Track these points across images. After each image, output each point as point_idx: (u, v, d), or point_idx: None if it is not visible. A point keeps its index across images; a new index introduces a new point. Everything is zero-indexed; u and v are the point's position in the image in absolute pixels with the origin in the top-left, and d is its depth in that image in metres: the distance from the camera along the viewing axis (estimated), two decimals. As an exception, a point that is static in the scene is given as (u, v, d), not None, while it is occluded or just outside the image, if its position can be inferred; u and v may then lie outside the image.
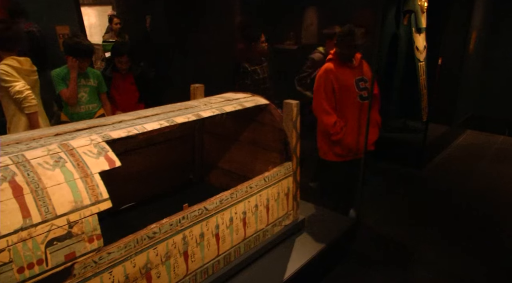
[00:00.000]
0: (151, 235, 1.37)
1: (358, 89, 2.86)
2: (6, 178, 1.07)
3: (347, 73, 2.88)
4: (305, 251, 2.09)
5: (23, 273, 1.03)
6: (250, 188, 1.80)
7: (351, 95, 2.86)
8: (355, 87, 2.86)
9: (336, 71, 2.87)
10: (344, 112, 2.89)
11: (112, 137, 1.37)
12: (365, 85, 2.89)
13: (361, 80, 2.90)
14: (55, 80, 3.11)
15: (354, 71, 2.90)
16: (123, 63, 3.66)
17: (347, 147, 2.92)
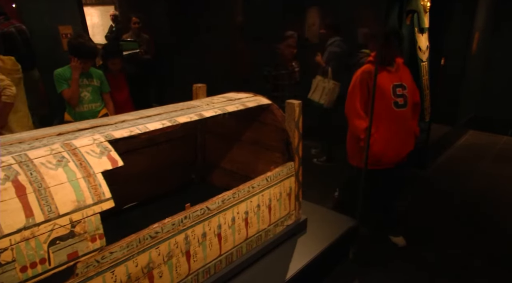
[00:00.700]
0: (153, 234, 1.37)
1: (394, 96, 2.71)
2: (9, 177, 1.08)
3: (385, 77, 2.72)
4: (307, 251, 2.09)
5: (26, 272, 1.04)
6: (252, 188, 1.80)
7: (385, 101, 2.70)
8: (391, 93, 2.70)
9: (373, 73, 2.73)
10: (378, 118, 2.72)
11: (114, 137, 1.37)
12: (402, 92, 2.73)
13: (399, 86, 2.74)
14: (57, 80, 3.13)
15: (393, 76, 2.74)
16: (116, 64, 3.76)
17: (375, 155, 2.77)
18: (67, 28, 4.84)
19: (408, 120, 2.77)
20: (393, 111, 2.71)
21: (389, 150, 2.75)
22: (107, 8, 8.52)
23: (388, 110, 2.71)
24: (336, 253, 2.43)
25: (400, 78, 2.73)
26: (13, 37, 4.45)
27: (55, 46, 4.76)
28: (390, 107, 2.71)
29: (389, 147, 2.74)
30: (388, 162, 2.80)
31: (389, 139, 2.72)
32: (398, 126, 2.73)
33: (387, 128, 2.73)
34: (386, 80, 2.71)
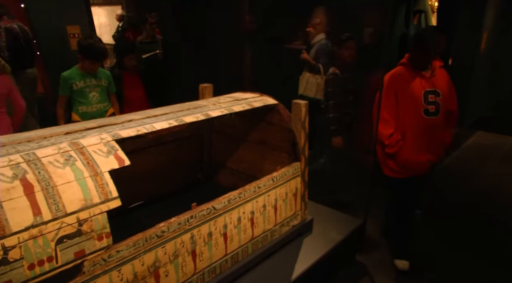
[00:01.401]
0: (159, 233, 1.38)
1: (425, 103, 2.51)
2: (17, 176, 1.09)
3: (417, 82, 2.52)
4: (313, 252, 2.09)
5: (34, 269, 1.04)
6: (258, 188, 1.80)
7: (415, 108, 2.52)
8: (422, 99, 2.50)
9: (404, 77, 2.56)
10: (404, 125, 2.57)
11: (121, 136, 1.38)
12: (435, 99, 2.52)
13: (432, 92, 2.52)
14: (61, 82, 3.17)
15: (426, 81, 2.53)
16: (131, 60, 3.78)
17: (401, 163, 2.62)
18: (74, 28, 4.87)
19: (439, 129, 2.58)
20: (423, 119, 2.52)
21: (415, 157, 2.59)
22: (114, 8, 8.56)
23: (417, 118, 2.53)
24: (342, 254, 2.42)
25: (434, 84, 2.53)
26: (16, 34, 4.52)
27: (63, 46, 4.80)
28: (420, 115, 2.52)
29: (416, 154, 2.58)
30: (414, 170, 2.64)
31: (416, 147, 2.57)
32: (427, 135, 2.55)
33: (415, 137, 2.56)
34: (418, 86, 2.52)
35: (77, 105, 3.19)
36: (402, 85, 2.55)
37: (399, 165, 2.65)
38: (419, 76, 2.53)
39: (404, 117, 2.56)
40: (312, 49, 4.35)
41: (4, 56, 4.39)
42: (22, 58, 4.61)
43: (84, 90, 3.15)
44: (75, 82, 3.12)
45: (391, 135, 2.58)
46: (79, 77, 3.13)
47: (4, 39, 4.41)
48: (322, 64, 4.19)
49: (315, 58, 4.28)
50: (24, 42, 4.63)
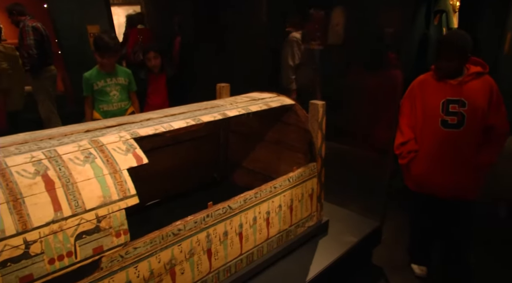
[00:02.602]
0: (176, 231, 1.39)
1: (444, 113, 2.25)
2: (39, 172, 1.11)
3: (438, 89, 2.30)
4: (328, 254, 2.07)
5: (54, 264, 1.07)
6: (274, 188, 1.80)
7: (431, 118, 2.31)
8: (440, 109, 2.26)
9: (427, 84, 2.36)
10: (421, 136, 2.39)
11: (140, 134, 1.40)
12: (458, 110, 2.23)
13: (454, 102, 2.24)
14: (83, 83, 3.24)
15: (450, 90, 2.26)
16: (151, 59, 3.74)
17: (415, 178, 2.45)
18: (94, 28, 4.97)
19: (463, 145, 2.26)
20: (439, 131, 2.28)
21: (430, 174, 2.36)
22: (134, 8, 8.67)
23: (433, 129, 2.30)
24: (358, 257, 2.40)
25: (461, 93, 2.23)
26: (41, 32, 4.66)
27: (83, 45, 4.90)
28: (436, 126, 2.28)
29: (431, 171, 2.35)
30: (431, 189, 2.40)
31: (431, 162, 2.35)
32: (445, 149, 2.29)
33: (430, 150, 2.34)
34: (437, 94, 2.29)
35: (99, 104, 3.25)
36: (423, 92, 2.37)
37: (413, 180, 2.48)
38: (444, 83, 2.29)
39: (420, 129, 2.39)
40: None
41: (32, 54, 4.52)
42: (46, 56, 4.74)
43: (104, 89, 3.21)
44: (96, 82, 3.19)
45: (403, 145, 2.43)
46: (99, 77, 3.19)
47: (32, 38, 4.54)
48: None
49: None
50: (46, 40, 4.76)
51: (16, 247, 1.00)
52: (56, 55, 5.15)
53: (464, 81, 2.26)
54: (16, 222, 1.01)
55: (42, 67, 4.75)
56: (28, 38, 4.55)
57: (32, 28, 4.57)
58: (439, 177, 2.34)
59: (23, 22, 4.62)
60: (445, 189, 2.36)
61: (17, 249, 1.00)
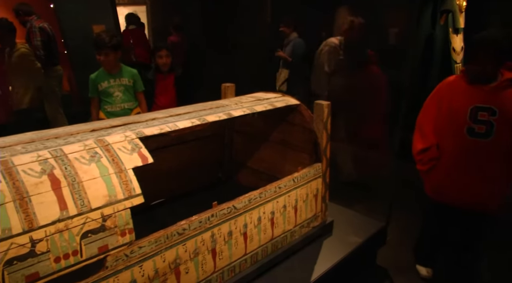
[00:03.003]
0: (180, 231, 1.39)
1: (472, 120, 2.09)
2: (45, 171, 1.12)
3: (467, 94, 2.12)
4: (333, 254, 2.06)
5: (59, 263, 1.07)
6: (279, 188, 1.79)
7: (456, 125, 2.15)
8: (468, 116, 2.10)
9: (455, 87, 2.19)
10: (443, 143, 2.23)
11: (145, 134, 1.40)
12: (488, 118, 2.06)
13: (484, 109, 2.07)
14: (89, 85, 3.24)
15: (480, 96, 2.09)
16: (163, 58, 3.71)
17: (434, 186, 2.34)
18: (100, 28, 4.98)
19: (489, 156, 2.11)
20: (465, 140, 2.13)
21: (450, 184, 2.22)
22: (140, 8, 8.70)
23: (458, 137, 2.14)
24: (363, 257, 2.39)
25: (492, 100, 2.05)
26: (48, 33, 4.69)
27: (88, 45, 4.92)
28: (462, 134, 2.12)
29: (451, 180, 2.22)
30: (450, 198, 2.27)
31: (452, 171, 2.20)
32: (470, 161, 2.14)
33: (452, 158, 2.19)
34: (465, 99, 2.12)
35: (103, 104, 3.26)
36: (450, 95, 2.20)
37: (432, 187, 2.36)
38: (474, 88, 2.12)
39: (443, 134, 2.22)
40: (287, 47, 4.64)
41: (39, 55, 4.54)
42: (52, 56, 4.77)
43: (108, 90, 3.22)
44: (100, 83, 3.20)
45: (424, 151, 2.27)
46: (104, 78, 3.20)
47: (39, 38, 4.57)
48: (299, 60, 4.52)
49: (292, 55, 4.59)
50: (53, 41, 4.80)
51: (23, 245, 1.01)
52: (62, 55, 5.18)
53: (497, 88, 2.07)
54: (23, 220, 1.02)
55: (49, 67, 4.78)
56: (35, 39, 4.57)
57: (39, 29, 4.60)
58: (460, 188, 2.22)
59: (30, 23, 4.65)
60: (465, 200, 2.24)
61: (23, 248, 1.01)
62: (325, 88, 4.15)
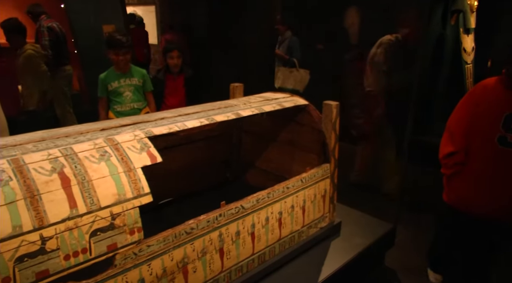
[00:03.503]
0: (188, 230, 1.40)
1: (505, 129, 1.96)
2: (55, 169, 1.13)
3: (502, 100, 1.99)
4: (341, 255, 2.06)
5: (69, 260, 1.08)
6: (287, 188, 1.79)
7: (488, 132, 2.01)
8: (501, 123, 1.96)
9: (490, 91, 2.04)
10: (471, 149, 2.09)
11: (154, 133, 1.41)
12: None
13: None
14: (99, 84, 3.24)
15: None
16: (174, 58, 3.72)
17: (455, 194, 2.21)
18: (110, 27, 5.02)
19: None
20: (495, 148, 1.99)
21: (475, 194, 2.09)
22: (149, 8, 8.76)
23: (488, 145, 2.01)
24: (370, 259, 2.37)
25: None
26: (57, 32, 4.73)
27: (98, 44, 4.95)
28: (492, 142, 1.99)
29: (476, 190, 2.09)
30: (472, 208, 2.14)
31: (478, 181, 2.08)
32: (497, 169, 2.02)
33: (481, 167, 2.06)
34: (500, 105, 1.98)
35: (113, 104, 3.27)
36: (484, 99, 2.06)
37: (453, 194, 2.23)
38: (510, 92, 1.98)
39: (472, 140, 2.08)
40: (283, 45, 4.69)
41: (47, 54, 4.59)
42: (61, 56, 4.81)
43: (118, 90, 3.23)
44: (110, 83, 3.21)
45: (451, 155, 2.14)
46: (114, 78, 3.21)
47: (47, 38, 4.60)
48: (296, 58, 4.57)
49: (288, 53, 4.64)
50: (62, 41, 4.83)
51: (33, 242, 1.02)
52: (73, 54, 5.22)
53: None
54: (33, 218, 1.03)
55: (58, 67, 4.82)
56: (43, 39, 4.61)
57: (47, 28, 4.64)
58: (485, 199, 2.09)
59: (39, 22, 4.70)
60: (489, 212, 2.12)
61: (34, 245, 1.02)
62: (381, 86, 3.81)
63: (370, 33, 3.83)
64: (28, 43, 4.55)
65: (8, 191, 1.03)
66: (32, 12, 4.78)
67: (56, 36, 4.71)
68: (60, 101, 4.96)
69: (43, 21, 4.69)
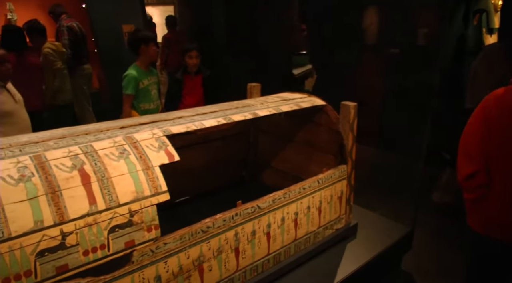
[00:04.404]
0: (205, 229, 1.40)
1: None
2: (76, 166, 1.15)
3: None
4: (356, 257, 2.04)
5: (88, 256, 1.10)
6: (303, 189, 1.78)
7: (509, 147, 1.83)
8: None
9: (507, 102, 1.83)
10: (493, 168, 1.88)
11: (172, 132, 1.42)
12: None
13: None
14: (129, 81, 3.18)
15: None
16: (193, 58, 3.75)
17: (483, 219, 1.96)
18: (129, 27, 5.09)
19: None
20: None
21: (504, 216, 1.89)
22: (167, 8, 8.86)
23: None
24: (387, 262, 2.34)
25: None
26: (76, 32, 4.82)
27: (118, 44, 5.03)
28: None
29: (505, 212, 1.89)
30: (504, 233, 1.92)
31: (506, 201, 1.88)
32: None
33: (506, 186, 1.87)
34: None
35: (139, 102, 3.27)
36: (500, 111, 1.85)
37: (483, 220, 1.99)
38: None
39: (493, 157, 1.88)
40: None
41: (67, 53, 4.69)
42: (80, 55, 4.90)
43: (148, 88, 3.26)
44: (142, 81, 3.21)
45: (471, 177, 1.92)
46: (143, 76, 3.23)
47: (66, 38, 4.70)
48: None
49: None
50: (81, 40, 4.92)
51: (54, 237, 1.04)
52: (93, 53, 5.32)
53: None
54: (54, 213, 1.05)
55: (77, 66, 4.91)
56: (63, 38, 4.72)
57: (67, 28, 4.75)
58: None
59: (59, 22, 4.81)
60: None
61: (54, 240, 1.04)
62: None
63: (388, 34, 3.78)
64: (48, 42, 4.67)
65: (31, 187, 1.05)
66: (53, 12, 4.90)
67: (75, 36, 4.81)
68: (79, 100, 5.05)
69: (63, 21, 4.79)
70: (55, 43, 4.70)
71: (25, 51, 4.04)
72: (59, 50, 4.65)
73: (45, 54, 4.50)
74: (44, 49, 4.54)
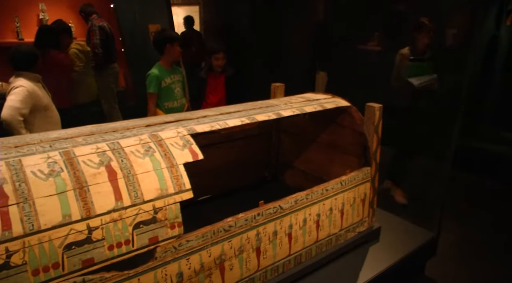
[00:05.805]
0: (227, 228, 1.41)
1: None
2: (103, 163, 1.18)
3: None
4: (379, 262, 2.00)
5: (113, 251, 1.12)
6: (326, 191, 1.77)
7: None
8: None
9: None
10: None
11: (196, 131, 1.43)
12: None
13: None
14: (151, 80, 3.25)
15: None
16: (219, 60, 3.80)
17: None
18: (155, 27, 5.18)
19: None
20: None
21: None
22: (193, 8, 8.93)
23: None
24: (410, 268, 2.29)
25: None
26: (107, 31, 4.93)
27: (144, 43, 5.13)
28: None
29: None
30: None
31: None
32: None
33: None
34: None
35: (164, 101, 3.33)
36: None
37: None
38: None
39: None
40: None
41: (98, 53, 4.81)
42: (110, 54, 5.01)
43: (171, 86, 3.31)
44: (164, 79, 3.27)
45: None
46: (165, 74, 3.28)
47: (98, 37, 4.81)
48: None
49: None
50: (111, 39, 5.04)
51: (80, 231, 1.07)
52: (120, 52, 5.43)
53: None
54: (81, 208, 1.08)
55: (106, 65, 5.03)
56: (95, 38, 4.83)
57: (99, 27, 4.86)
58: None
59: (91, 21, 4.93)
60: None
61: (81, 234, 1.07)
62: None
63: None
64: (74, 42, 4.81)
65: (59, 182, 1.08)
66: (84, 11, 5.02)
67: (106, 35, 4.92)
68: (107, 98, 5.17)
69: (95, 21, 4.91)
70: (80, 43, 4.84)
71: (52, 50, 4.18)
72: (85, 50, 4.79)
73: (71, 53, 4.66)
74: (71, 49, 4.70)
